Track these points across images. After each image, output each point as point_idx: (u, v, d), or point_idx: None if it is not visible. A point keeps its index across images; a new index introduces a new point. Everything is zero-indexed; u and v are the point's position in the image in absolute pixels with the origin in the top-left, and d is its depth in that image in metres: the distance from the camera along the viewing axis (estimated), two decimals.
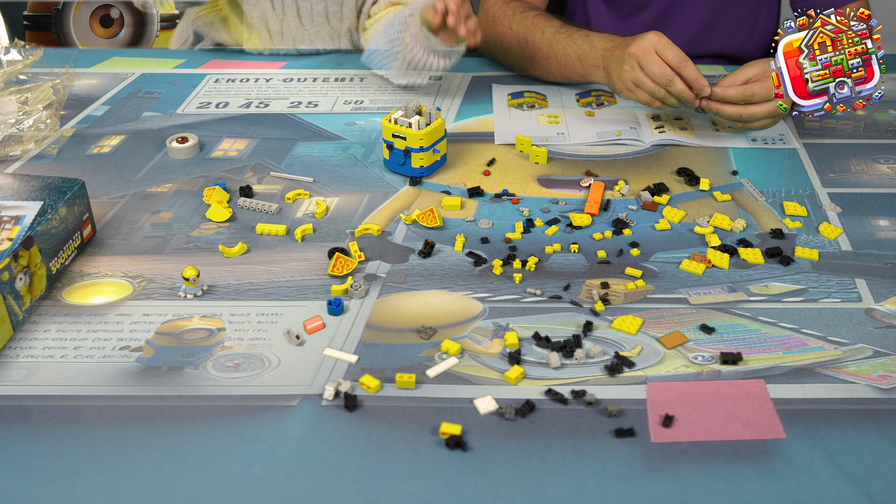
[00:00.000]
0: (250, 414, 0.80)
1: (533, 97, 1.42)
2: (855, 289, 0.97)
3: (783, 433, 0.78)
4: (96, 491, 0.72)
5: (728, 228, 1.08)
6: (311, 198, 1.16)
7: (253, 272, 1.01)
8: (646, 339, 0.90)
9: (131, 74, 1.55)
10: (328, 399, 0.81)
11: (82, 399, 0.82)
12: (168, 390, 0.83)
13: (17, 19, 2.43)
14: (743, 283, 0.98)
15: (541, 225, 1.09)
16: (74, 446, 0.76)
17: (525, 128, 1.33)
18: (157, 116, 1.39)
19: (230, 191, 1.16)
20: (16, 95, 1.37)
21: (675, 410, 0.80)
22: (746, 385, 0.83)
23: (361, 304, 0.95)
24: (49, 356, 0.87)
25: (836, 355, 0.87)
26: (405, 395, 0.82)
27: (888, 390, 0.83)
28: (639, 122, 1.34)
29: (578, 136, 1.31)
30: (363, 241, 1.06)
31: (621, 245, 1.05)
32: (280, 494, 0.72)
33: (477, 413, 0.80)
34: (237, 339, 0.90)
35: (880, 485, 0.72)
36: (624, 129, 1.31)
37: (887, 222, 1.10)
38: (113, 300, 0.96)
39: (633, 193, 1.16)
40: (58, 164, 1.24)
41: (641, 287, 0.97)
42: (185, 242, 1.06)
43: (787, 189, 1.18)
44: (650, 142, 1.28)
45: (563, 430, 0.78)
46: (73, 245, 1.00)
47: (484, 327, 0.91)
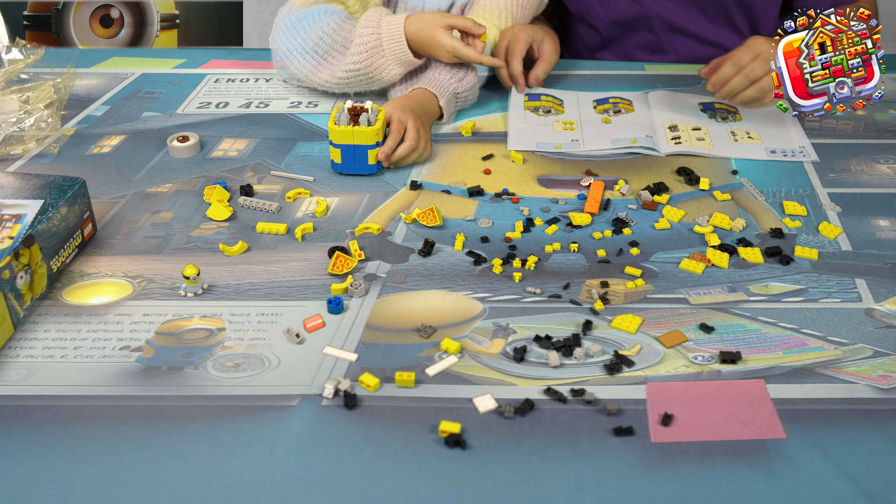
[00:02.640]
0: (250, 414, 0.80)
1: (550, 101, 1.41)
2: (855, 289, 0.97)
3: (783, 433, 0.78)
4: (96, 490, 0.72)
5: (728, 228, 1.08)
6: (312, 197, 1.16)
7: (253, 272, 1.01)
8: (645, 338, 0.90)
9: (131, 74, 1.55)
10: (328, 398, 0.81)
11: (82, 399, 0.82)
12: (168, 390, 0.83)
13: (17, 19, 2.43)
14: (743, 282, 0.98)
15: (541, 224, 1.09)
16: (75, 446, 0.76)
17: (539, 134, 1.32)
18: (157, 116, 1.40)
19: (230, 190, 1.16)
20: (17, 94, 1.37)
21: (675, 410, 0.80)
22: (746, 385, 0.84)
23: (361, 303, 0.95)
24: (49, 356, 0.87)
25: (835, 355, 0.87)
26: (405, 395, 0.82)
27: (888, 390, 0.83)
28: (655, 130, 1.31)
29: (593, 143, 1.29)
30: (363, 240, 1.06)
31: (621, 244, 1.05)
32: (280, 494, 0.72)
33: (476, 412, 0.80)
34: (237, 339, 0.90)
35: (879, 484, 0.72)
36: (640, 136, 1.29)
37: (887, 222, 1.10)
38: (113, 300, 0.96)
39: (633, 193, 1.16)
40: (58, 164, 1.24)
41: (641, 286, 0.97)
42: (185, 242, 1.06)
43: (786, 189, 1.18)
44: (665, 152, 1.26)
45: (562, 429, 0.78)
46: (73, 244, 1.00)
47: (484, 327, 0.91)
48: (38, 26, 2.43)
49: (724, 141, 1.29)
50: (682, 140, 1.28)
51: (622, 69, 1.55)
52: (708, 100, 1.39)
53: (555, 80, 1.49)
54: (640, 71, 1.54)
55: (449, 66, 1.33)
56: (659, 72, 1.52)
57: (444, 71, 1.33)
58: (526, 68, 1.42)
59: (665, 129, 1.32)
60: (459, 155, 1.26)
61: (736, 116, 1.35)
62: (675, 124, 1.33)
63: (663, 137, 1.30)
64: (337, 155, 1.19)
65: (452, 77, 1.33)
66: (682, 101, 1.40)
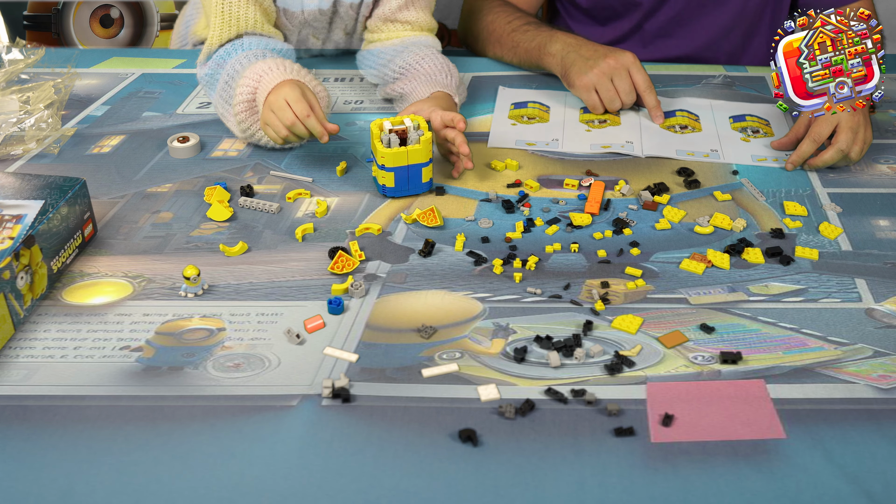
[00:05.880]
0: (250, 414, 0.80)
1: (536, 109, 1.40)
2: (855, 289, 0.97)
3: (783, 433, 0.78)
4: (97, 490, 0.72)
5: (728, 228, 1.08)
6: (312, 197, 1.16)
7: (253, 272, 1.01)
8: (646, 338, 0.90)
9: (131, 74, 1.55)
10: (327, 398, 0.81)
11: (82, 399, 0.82)
12: (168, 390, 0.83)
13: (17, 19, 2.43)
14: (743, 283, 0.98)
15: (541, 224, 1.09)
16: (75, 446, 0.76)
17: (521, 132, 1.33)
18: (157, 116, 1.39)
19: (231, 190, 1.16)
20: (17, 95, 1.37)
21: (675, 410, 0.80)
22: (746, 385, 0.84)
23: (361, 303, 0.95)
24: (49, 356, 0.87)
25: (836, 355, 0.87)
26: (405, 395, 0.82)
27: (888, 390, 0.83)
28: (632, 143, 1.29)
29: (571, 144, 1.29)
30: (363, 240, 1.06)
31: (621, 245, 1.05)
32: (280, 494, 0.72)
33: (476, 412, 0.80)
34: (237, 339, 0.90)
35: (880, 484, 0.72)
36: (616, 143, 1.29)
37: (887, 222, 1.10)
38: (113, 300, 0.96)
39: (634, 193, 1.16)
40: (59, 164, 1.24)
41: (641, 287, 0.97)
42: (185, 242, 1.06)
43: (787, 189, 1.18)
44: (646, 154, 1.26)
45: (562, 430, 0.78)
46: (74, 244, 1.00)
47: (484, 327, 0.91)
48: (38, 26, 2.43)
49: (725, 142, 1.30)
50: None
51: None
52: (738, 112, 1.38)
53: (551, 80, 1.49)
54: None
55: (437, 68, 1.32)
56: (659, 72, 1.52)
57: (438, 75, 1.31)
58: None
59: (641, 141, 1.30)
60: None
61: (766, 130, 1.33)
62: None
63: (651, 137, 1.29)
64: (390, 179, 1.12)
65: (452, 79, 1.32)
66: (676, 105, 1.41)
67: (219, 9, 1.27)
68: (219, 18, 1.28)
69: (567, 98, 1.43)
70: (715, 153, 1.26)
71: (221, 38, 1.29)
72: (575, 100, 1.42)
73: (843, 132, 1.19)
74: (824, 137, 1.20)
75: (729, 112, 1.38)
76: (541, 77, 1.50)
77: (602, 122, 1.36)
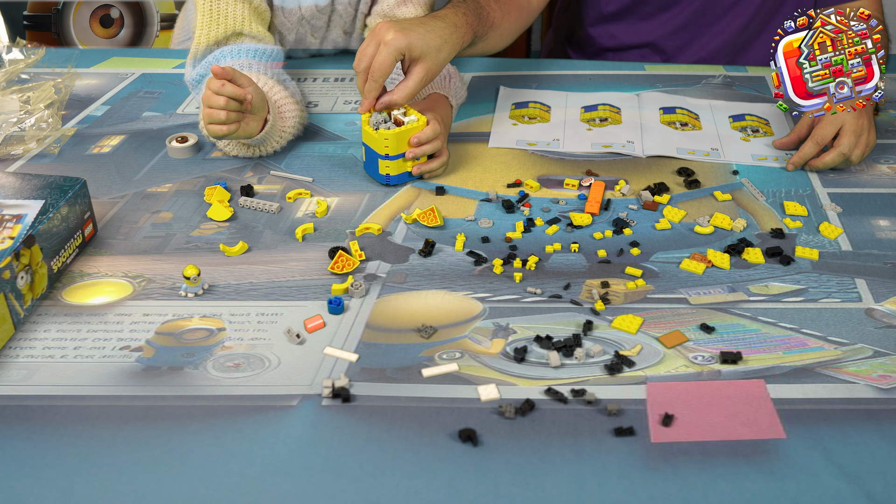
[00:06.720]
0: (250, 414, 0.80)
1: (537, 109, 1.40)
2: (855, 289, 0.97)
3: (783, 433, 0.78)
4: (96, 490, 0.72)
5: (728, 228, 1.08)
6: (312, 197, 1.16)
7: (253, 272, 1.01)
8: (646, 338, 0.90)
9: (131, 74, 1.55)
10: (327, 398, 0.81)
11: (82, 399, 0.82)
12: (168, 390, 0.83)
13: (18, 19, 2.43)
14: (743, 283, 0.98)
15: (541, 224, 1.09)
16: (75, 446, 0.76)
17: (521, 132, 1.32)
18: (157, 116, 1.39)
19: (231, 190, 1.16)
20: (17, 94, 1.37)
21: (675, 410, 0.80)
22: (746, 385, 0.84)
23: (362, 303, 0.95)
24: (49, 356, 0.87)
25: (836, 355, 0.87)
26: (405, 395, 0.82)
27: (888, 390, 0.83)
28: (633, 143, 1.29)
29: (572, 143, 1.29)
30: (364, 240, 1.06)
31: (621, 245, 1.05)
32: (280, 494, 0.72)
33: (476, 413, 0.80)
34: (237, 339, 0.90)
35: (880, 484, 0.73)
36: (617, 142, 1.28)
37: (887, 222, 1.10)
38: (113, 300, 0.96)
39: (634, 193, 1.16)
40: (59, 164, 1.24)
41: (641, 287, 0.97)
42: (185, 242, 1.06)
43: (787, 189, 1.18)
44: (646, 153, 1.26)
45: (562, 430, 0.78)
46: (74, 244, 1.00)
47: (484, 327, 0.91)
48: (38, 26, 2.43)
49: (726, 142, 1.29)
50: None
51: (622, 69, 1.55)
52: (738, 112, 1.38)
53: (552, 80, 1.49)
54: (640, 71, 1.54)
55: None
56: (659, 72, 1.52)
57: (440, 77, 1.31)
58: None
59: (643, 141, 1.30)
60: (458, 155, 1.26)
61: (766, 130, 1.33)
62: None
63: (651, 137, 1.29)
64: (394, 167, 1.15)
65: (452, 79, 1.32)
66: (676, 102, 1.41)
67: (206, 7, 1.27)
68: (206, 17, 1.27)
69: (568, 98, 1.43)
70: (715, 152, 1.26)
71: (209, 37, 1.29)
72: (576, 99, 1.42)
73: (847, 135, 1.19)
74: (827, 140, 1.20)
75: (729, 112, 1.38)
76: (541, 77, 1.50)
77: (603, 122, 1.36)
